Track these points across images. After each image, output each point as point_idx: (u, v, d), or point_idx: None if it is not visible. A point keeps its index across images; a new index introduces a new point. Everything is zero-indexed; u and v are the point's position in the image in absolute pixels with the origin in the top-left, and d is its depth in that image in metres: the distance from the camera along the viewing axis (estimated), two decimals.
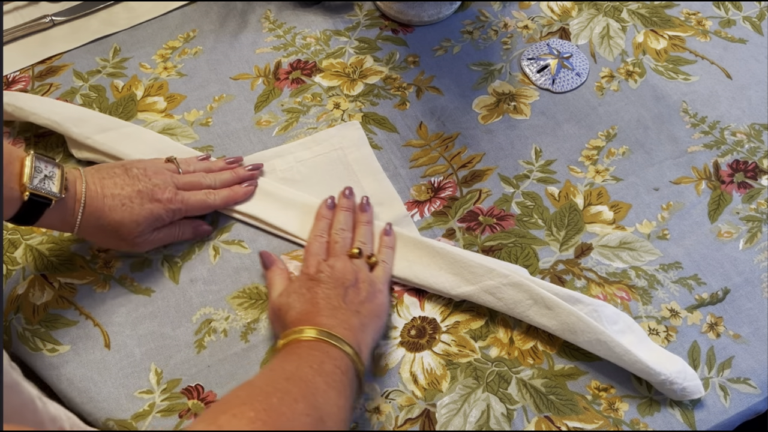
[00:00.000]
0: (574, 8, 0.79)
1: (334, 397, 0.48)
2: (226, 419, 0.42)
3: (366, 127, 0.71)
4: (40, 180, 0.53)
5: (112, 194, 0.57)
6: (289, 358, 0.50)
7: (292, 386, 0.46)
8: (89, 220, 0.56)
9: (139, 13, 0.80)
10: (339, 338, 0.51)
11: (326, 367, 0.49)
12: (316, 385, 0.47)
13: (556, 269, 0.62)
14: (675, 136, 0.70)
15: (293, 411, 0.44)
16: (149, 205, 0.58)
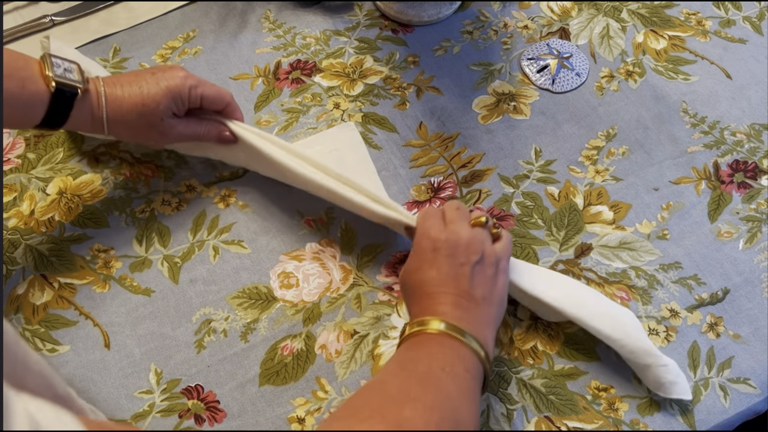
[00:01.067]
0: (574, 8, 0.79)
1: (467, 407, 0.45)
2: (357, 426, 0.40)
3: (366, 127, 0.71)
4: (62, 71, 0.54)
5: (128, 81, 0.58)
6: (418, 354, 0.47)
7: (426, 392, 0.44)
8: (113, 110, 0.57)
9: (139, 13, 0.80)
10: (469, 335, 0.48)
11: (457, 370, 0.46)
12: (449, 393, 0.45)
13: (556, 269, 0.62)
14: (675, 136, 0.70)
15: (427, 424, 0.41)
16: (165, 82, 0.58)
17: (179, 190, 0.67)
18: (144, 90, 0.58)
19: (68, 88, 0.54)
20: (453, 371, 0.46)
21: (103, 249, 0.64)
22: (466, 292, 0.50)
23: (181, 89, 0.59)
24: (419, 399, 0.43)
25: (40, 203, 0.67)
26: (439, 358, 0.47)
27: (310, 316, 0.61)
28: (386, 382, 0.46)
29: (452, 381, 0.45)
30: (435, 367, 0.46)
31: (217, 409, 0.57)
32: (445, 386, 0.45)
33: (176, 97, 0.59)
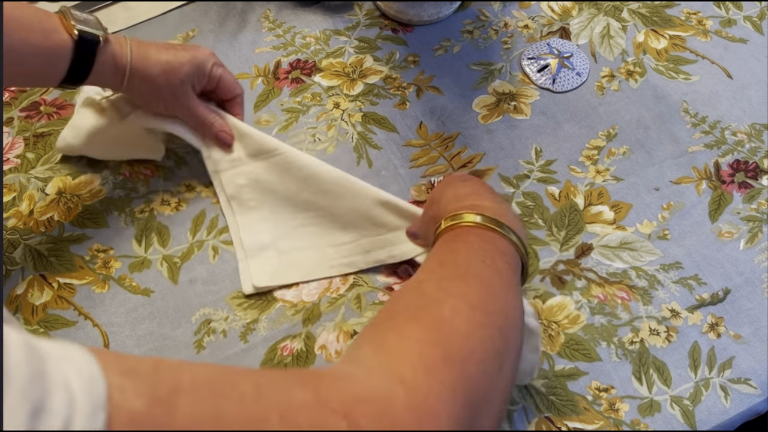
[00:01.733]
0: (575, 8, 0.79)
1: (513, 300, 0.42)
2: (394, 340, 0.37)
3: (366, 127, 0.71)
4: (81, 22, 0.54)
5: (158, 45, 0.59)
6: (457, 246, 0.45)
7: (467, 288, 0.41)
8: (138, 60, 0.57)
9: (138, 12, 0.80)
10: (506, 226, 0.46)
11: (498, 263, 0.44)
12: (492, 286, 0.42)
13: (557, 269, 0.62)
14: (675, 135, 0.70)
15: (468, 322, 0.38)
16: (192, 51, 0.60)
17: (178, 190, 0.67)
18: (171, 52, 0.59)
19: (91, 36, 0.54)
20: (494, 264, 0.44)
21: (103, 249, 0.64)
22: (496, 195, 0.52)
23: (206, 63, 0.61)
24: (461, 295, 0.40)
25: (39, 203, 0.67)
26: (479, 251, 0.44)
27: (309, 316, 0.60)
28: (424, 281, 0.43)
29: (496, 274, 0.43)
30: (476, 260, 0.43)
31: None
32: (488, 280, 0.42)
33: (200, 68, 0.61)
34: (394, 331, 0.38)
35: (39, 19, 0.52)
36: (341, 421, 0.29)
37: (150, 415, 0.24)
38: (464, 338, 0.37)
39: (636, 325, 0.60)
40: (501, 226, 0.46)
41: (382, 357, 0.35)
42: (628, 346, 0.59)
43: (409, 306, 0.40)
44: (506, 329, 0.40)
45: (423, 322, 0.38)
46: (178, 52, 0.59)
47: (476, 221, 0.47)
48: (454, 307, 0.39)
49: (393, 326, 0.38)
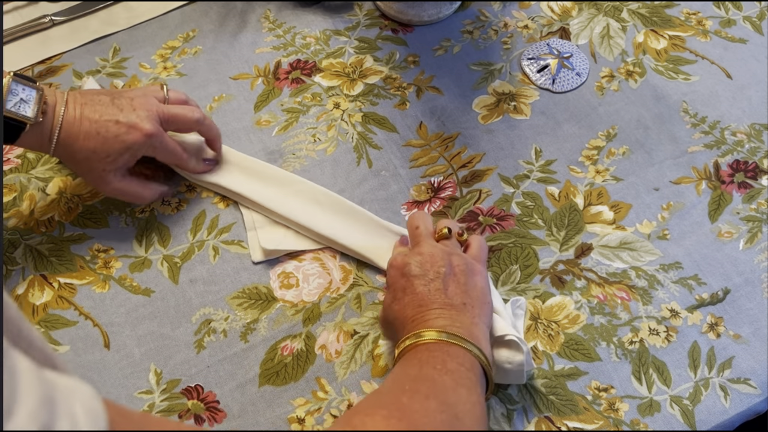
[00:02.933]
0: (575, 8, 0.79)
1: (465, 394, 0.45)
2: (360, 419, 0.41)
3: (366, 127, 0.71)
4: (15, 103, 0.54)
5: (90, 120, 0.57)
6: (409, 363, 0.48)
7: (420, 385, 0.44)
8: (64, 144, 0.57)
9: (139, 12, 0.80)
10: (457, 336, 0.48)
11: (450, 365, 0.46)
12: (444, 383, 0.45)
13: (556, 269, 0.62)
14: (675, 136, 0.70)
15: (425, 408, 0.42)
16: (125, 137, 0.57)
17: (179, 190, 0.67)
18: (101, 137, 0.57)
19: (15, 122, 0.54)
20: (445, 367, 0.46)
21: (103, 249, 0.64)
22: (445, 303, 0.51)
23: (139, 151, 0.59)
24: (414, 390, 0.44)
25: (39, 203, 0.67)
26: (429, 361, 0.47)
27: (310, 316, 0.61)
28: (380, 389, 0.47)
29: (446, 375, 0.46)
30: (426, 368, 0.46)
31: (216, 410, 0.57)
32: (439, 380, 0.45)
33: (132, 155, 0.59)
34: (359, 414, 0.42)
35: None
36: None
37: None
38: (424, 417, 0.41)
39: (636, 325, 0.60)
40: (450, 337, 0.48)
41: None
42: (628, 346, 0.59)
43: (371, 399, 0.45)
44: (463, 418, 0.43)
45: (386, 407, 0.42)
46: (108, 140, 0.57)
47: (427, 338, 0.49)
48: (411, 397, 0.43)
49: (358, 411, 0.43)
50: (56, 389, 0.26)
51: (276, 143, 0.70)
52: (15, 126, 0.54)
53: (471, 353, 0.48)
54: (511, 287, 0.62)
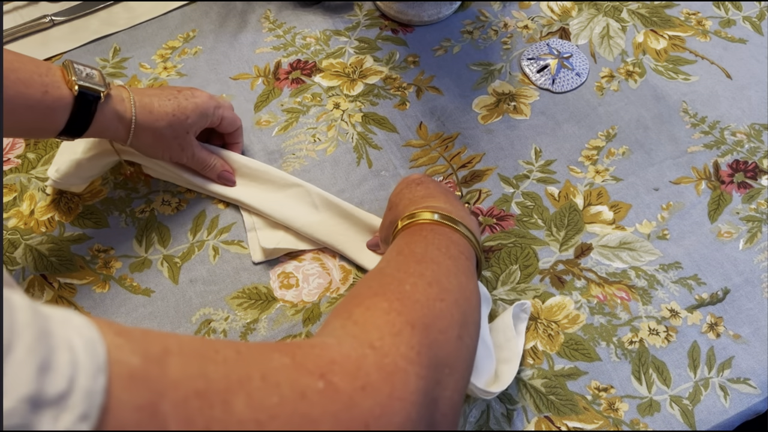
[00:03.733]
0: (574, 8, 0.79)
1: (465, 281, 0.46)
2: (360, 312, 0.40)
3: (366, 127, 0.71)
4: (85, 76, 0.54)
5: (156, 93, 0.59)
6: (414, 239, 0.49)
7: (424, 269, 0.44)
8: (143, 115, 0.57)
9: (139, 12, 0.80)
10: (458, 221, 0.50)
11: (452, 251, 0.48)
12: (447, 268, 0.46)
13: (556, 269, 0.62)
14: (675, 136, 0.70)
15: (427, 296, 0.42)
16: (194, 99, 0.61)
17: (179, 190, 0.67)
18: (173, 102, 0.59)
19: (91, 92, 0.54)
20: (449, 252, 0.47)
21: (103, 249, 0.64)
22: (451, 194, 0.55)
23: (208, 107, 0.62)
24: (419, 275, 0.44)
25: (40, 203, 0.67)
26: (434, 241, 0.48)
27: (309, 316, 0.61)
28: (384, 267, 0.47)
29: (449, 259, 0.47)
30: (431, 248, 0.47)
31: None
32: (442, 262, 0.46)
33: (203, 114, 0.61)
34: (360, 306, 0.40)
35: (39, 71, 0.52)
36: (318, 381, 0.31)
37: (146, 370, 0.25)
38: (425, 308, 0.40)
39: (635, 325, 0.60)
40: (454, 222, 0.50)
41: (351, 327, 0.38)
42: (628, 346, 0.59)
43: (373, 285, 0.43)
44: (462, 304, 0.43)
45: (386, 295, 0.41)
46: (181, 102, 0.60)
47: (431, 219, 0.50)
48: (414, 284, 0.42)
49: (359, 302, 0.41)
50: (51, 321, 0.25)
51: (276, 143, 0.70)
52: (89, 101, 0.54)
53: (470, 241, 0.50)
54: (511, 287, 0.62)
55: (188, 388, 0.26)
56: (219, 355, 0.28)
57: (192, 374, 0.26)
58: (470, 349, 0.43)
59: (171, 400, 0.25)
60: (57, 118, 0.53)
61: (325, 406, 0.30)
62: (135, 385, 0.25)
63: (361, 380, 0.32)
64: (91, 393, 0.24)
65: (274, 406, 0.27)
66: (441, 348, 0.38)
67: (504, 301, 0.61)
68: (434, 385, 0.36)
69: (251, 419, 0.26)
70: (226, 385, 0.27)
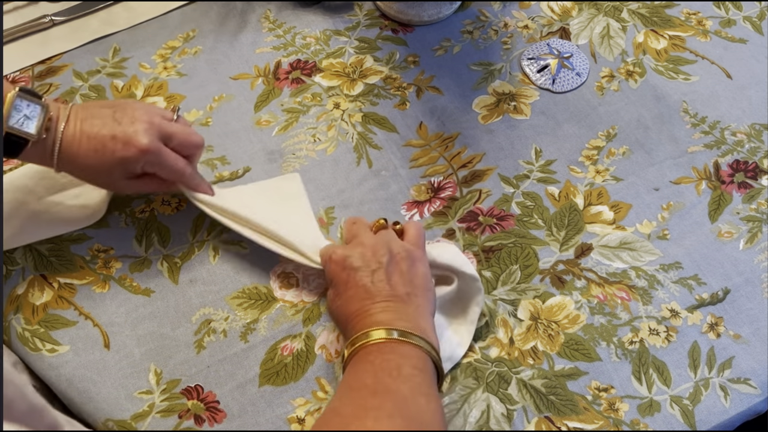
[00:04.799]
0: (575, 8, 0.79)
1: (424, 403, 0.45)
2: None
3: (366, 127, 0.71)
4: (18, 120, 0.53)
5: (89, 136, 0.55)
6: (363, 368, 0.48)
7: (382, 401, 0.44)
8: (65, 161, 0.56)
9: (139, 12, 0.80)
10: (405, 332, 0.48)
11: (404, 371, 0.46)
12: (403, 395, 0.45)
13: (556, 269, 0.62)
14: (675, 136, 0.70)
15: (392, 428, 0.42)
16: (121, 153, 0.55)
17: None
18: (99, 155, 0.56)
19: (18, 138, 0.53)
20: (401, 374, 0.46)
21: (103, 249, 0.64)
22: (389, 294, 0.51)
23: (136, 167, 0.57)
24: (378, 408, 0.43)
25: None
26: (383, 367, 0.47)
27: (309, 316, 0.61)
28: (339, 407, 0.46)
29: (403, 383, 0.45)
30: (382, 376, 0.46)
31: (216, 410, 0.57)
32: (398, 391, 0.45)
33: (130, 169, 0.57)
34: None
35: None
36: None
37: None
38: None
39: (636, 325, 0.60)
40: (401, 335, 0.48)
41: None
42: (628, 346, 0.59)
43: (333, 426, 0.43)
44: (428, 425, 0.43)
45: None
46: (106, 156, 0.55)
47: (378, 337, 0.48)
48: (375, 417, 0.42)
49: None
50: None
51: (276, 143, 0.70)
52: (17, 142, 0.54)
53: (422, 349, 0.48)
54: (511, 287, 0.62)
55: None
56: None
57: None
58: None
59: None
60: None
61: None
62: None
63: None
64: None
65: None
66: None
67: (504, 301, 0.61)
68: None
69: None
70: None
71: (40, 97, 0.55)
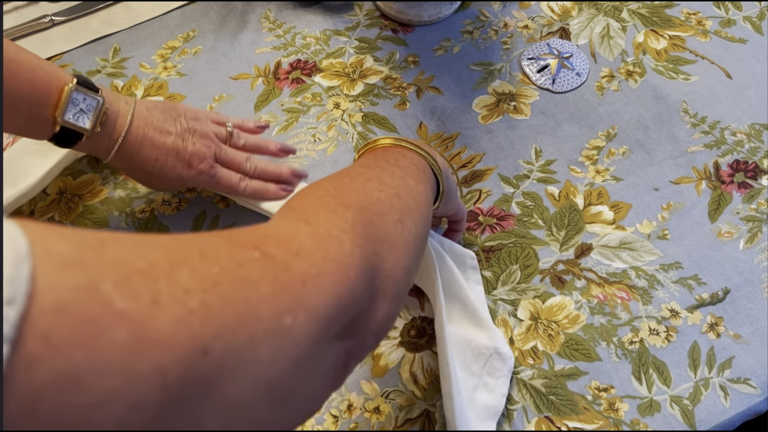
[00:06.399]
0: (574, 8, 0.79)
1: (412, 183, 0.46)
2: (296, 200, 0.40)
3: (366, 127, 0.71)
4: (75, 113, 0.52)
5: (152, 144, 0.57)
6: (363, 156, 0.50)
7: (366, 170, 0.45)
8: (122, 157, 0.57)
9: (139, 12, 0.80)
10: (413, 143, 0.50)
11: (402, 162, 0.47)
12: (392, 171, 0.46)
13: (556, 269, 0.62)
14: (675, 136, 0.70)
15: (365, 187, 0.42)
16: (180, 170, 0.58)
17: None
18: (159, 164, 0.57)
19: (74, 131, 0.53)
20: (398, 162, 0.47)
21: None
22: None
23: (190, 182, 0.60)
24: (359, 173, 0.44)
25: (39, 203, 0.67)
26: (383, 156, 0.48)
27: None
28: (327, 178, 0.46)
29: (397, 167, 0.46)
30: (379, 160, 0.47)
31: None
32: (388, 168, 0.46)
33: (184, 184, 0.60)
34: (297, 198, 0.41)
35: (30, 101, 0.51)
36: (254, 251, 0.31)
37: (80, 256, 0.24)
38: (361, 194, 0.41)
39: (636, 325, 0.60)
40: (406, 142, 0.50)
41: (286, 211, 0.39)
42: (628, 346, 0.59)
43: (312, 185, 0.43)
44: (405, 197, 0.43)
45: (323, 186, 0.42)
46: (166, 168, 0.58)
47: (386, 143, 0.50)
48: (353, 178, 0.43)
49: (296, 197, 0.41)
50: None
51: None
52: (71, 135, 0.53)
53: (424, 158, 0.50)
54: (511, 287, 0.62)
55: (129, 269, 0.25)
56: (156, 240, 0.29)
57: (131, 257, 0.26)
58: (413, 234, 0.42)
59: (112, 280, 0.24)
60: (44, 131, 0.53)
61: (263, 270, 0.31)
62: (69, 269, 0.24)
63: (294, 248, 0.33)
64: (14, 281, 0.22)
65: (216, 275, 0.28)
66: (377, 227, 0.39)
67: (504, 301, 0.61)
68: (371, 254, 0.37)
69: (197, 288, 0.27)
70: (168, 264, 0.27)
71: (97, 90, 0.54)
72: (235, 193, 0.62)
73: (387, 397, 0.57)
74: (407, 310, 0.61)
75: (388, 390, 0.57)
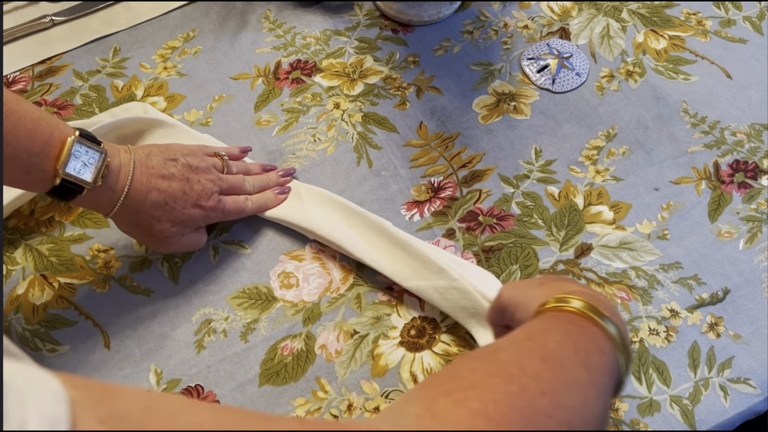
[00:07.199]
0: (574, 8, 0.79)
1: (593, 398, 0.37)
2: (445, 406, 0.33)
3: (366, 127, 0.71)
4: (76, 167, 0.51)
5: (159, 189, 0.56)
6: (552, 327, 0.41)
7: (546, 372, 0.36)
8: (127, 211, 0.55)
9: (139, 12, 0.80)
10: (604, 315, 0.41)
11: (593, 359, 0.39)
12: (577, 380, 0.37)
13: (556, 269, 0.62)
14: (675, 136, 0.70)
15: (533, 408, 0.34)
16: (190, 210, 0.58)
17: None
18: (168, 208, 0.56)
19: (74, 186, 0.52)
20: (588, 360, 0.39)
21: (103, 249, 0.64)
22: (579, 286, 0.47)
23: (201, 221, 0.60)
24: (535, 378, 0.36)
25: (40, 203, 0.67)
26: (575, 341, 0.40)
27: (310, 316, 0.61)
28: (500, 351, 0.39)
29: (583, 369, 0.38)
30: (567, 348, 0.39)
31: None
32: (572, 370, 0.37)
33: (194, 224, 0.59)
34: (448, 397, 0.34)
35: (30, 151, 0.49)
36: None
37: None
38: (524, 420, 0.33)
39: (635, 325, 0.60)
40: (601, 317, 0.41)
41: (428, 421, 0.32)
42: None
43: (476, 370, 0.37)
44: (577, 426, 0.35)
45: (484, 392, 0.34)
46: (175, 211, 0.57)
47: (578, 307, 0.42)
48: (524, 387, 0.35)
49: (451, 390, 0.35)
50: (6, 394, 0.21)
51: (276, 143, 0.70)
52: (71, 189, 0.52)
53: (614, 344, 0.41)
54: None
55: None
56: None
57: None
58: None
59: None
60: (42, 184, 0.51)
61: None
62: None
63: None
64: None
65: None
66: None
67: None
68: None
69: None
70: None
71: (99, 143, 0.53)
72: (242, 215, 0.63)
73: (387, 397, 0.57)
74: (407, 310, 0.61)
75: (388, 390, 0.57)
